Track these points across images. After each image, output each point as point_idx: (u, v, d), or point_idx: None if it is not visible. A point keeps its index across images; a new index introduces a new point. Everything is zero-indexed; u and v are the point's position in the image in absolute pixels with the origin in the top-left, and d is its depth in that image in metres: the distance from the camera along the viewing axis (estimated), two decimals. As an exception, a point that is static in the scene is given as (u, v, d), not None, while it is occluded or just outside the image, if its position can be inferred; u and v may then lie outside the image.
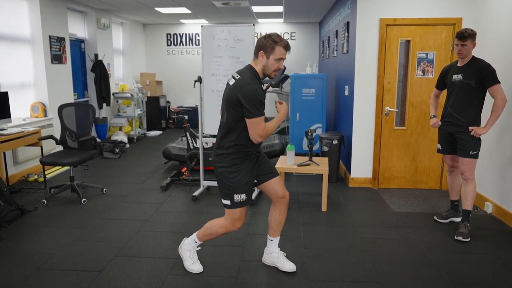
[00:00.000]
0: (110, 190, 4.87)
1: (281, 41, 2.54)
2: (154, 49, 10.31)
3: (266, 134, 2.54)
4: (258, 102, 2.46)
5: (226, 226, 2.76)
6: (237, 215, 2.71)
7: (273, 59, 2.54)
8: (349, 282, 2.80)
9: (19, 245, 3.37)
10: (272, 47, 2.53)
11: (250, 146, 2.63)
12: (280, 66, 2.60)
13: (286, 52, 2.59)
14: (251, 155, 2.68)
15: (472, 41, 3.40)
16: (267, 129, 2.53)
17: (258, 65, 2.59)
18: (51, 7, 6.01)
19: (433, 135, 4.78)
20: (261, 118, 2.50)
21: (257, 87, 2.50)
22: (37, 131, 5.01)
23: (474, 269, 2.99)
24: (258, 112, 2.47)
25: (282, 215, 2.90)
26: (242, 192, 2.65)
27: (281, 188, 2.84)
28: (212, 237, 2.86)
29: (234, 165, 2.62)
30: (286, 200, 2.87)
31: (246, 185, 2.66)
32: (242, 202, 2.67)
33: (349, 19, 5.29)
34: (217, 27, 4.24)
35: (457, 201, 3.87)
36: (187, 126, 5.35)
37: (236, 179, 2.63)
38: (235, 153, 2.62)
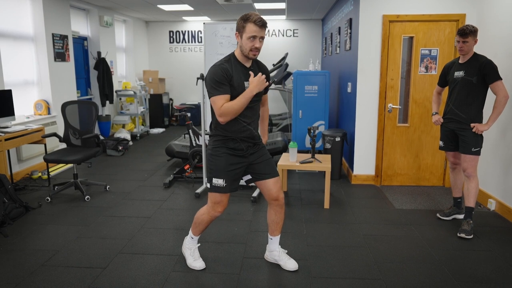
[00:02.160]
0: (114, 188, 4.89)
1: (252, 18, 2.43)
2: (156, 47, 10.32)
3: (225, 113, 2.47)
4: (213, 82, 2.46)
5: (209, 211, 2.76)
6: (216, 199, 2.70)
7: (246, 38, 2.47)
8: (351, 278, 2.81)
9: (24, 242, 3.39)
10: (243, 25, 2.47)
11: (230, 130, 2.60)
12: (256, 45, 2.48)
13: (261, 28, 2.45)
14: (234, 141, 2.63)
15: (473, 37, 3.38)
16: (225, 108, 2.45)
17: (237, 48, 2.58)
18: (54, 5, 6.03)
19: (436, 132, 4.77)
20: (218, 97, 2.46)
21: (215, 68, 2.49)
22: (40, 128, 5.04)
23: (477, 266, 2.99)
24: (214, 91, 2.47)
25: (278, 216, 2.87)
26: (220, 177, 2.64)
27: (275, 190, 2.76)
28: (202, 227, 2.86)
29: (214, 148, 2.65)
30: (279, 202, 2.81)
31: (225, 171, 2.63)
32: (218, 187, 2.65)
33: (351, 15, 5.27)
34: (220, 24, 4.24)
35: (460, 198, 3.87)
36: (189, 123, 5.36)
37: (215, 162, 2.64)
38: (216, 136, 2.65)
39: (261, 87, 2.54)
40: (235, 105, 2.48)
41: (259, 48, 2.51)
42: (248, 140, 2.67)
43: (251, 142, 2.69)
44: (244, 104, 2.50)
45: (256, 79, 2.52)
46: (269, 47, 9.73)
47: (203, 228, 2.89)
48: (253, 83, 2.52)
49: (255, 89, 2.51)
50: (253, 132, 2.69)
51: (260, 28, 2.46)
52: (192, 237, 2.95)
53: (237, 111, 2.50)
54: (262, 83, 2.54)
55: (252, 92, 2.51)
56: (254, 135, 2.70)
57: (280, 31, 9.91)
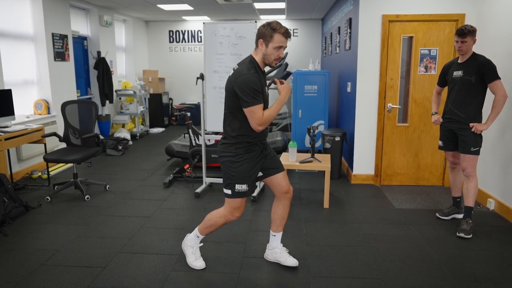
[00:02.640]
0: (113, 187, 4.90)
1: (280, 28, 2.49)
2: (156, 46, 10.32)
3: (266, 122, 2.52)
4: (252, 91, 2.45)
5: (226, 215, 2.77)
6: (236, 205, 2.72)
7: (272, 47, 2.51)
8: (351, 278, 2.81)
9: (24, 241, 3.40)
10: (270, 35, 2.49)
11: (253, 136, 2.64)
12: (281, 55, 2.55)
13: (286, 39, 2.53)
14: (255, 145, 2.68)
15: (472, 37, 3.38)
16: (266, 117, 2.51)
17: (258, 54, 2.58)
18: (54, 5, 6.03)
19: (436, 131, 4.77)
20: (258, 107, 2.48)
21: (251, 76, 2.48)
22: (40, 128, 5.04)
23: (476, 265, 3.00)
24: (253, 101, 2.47)
25: (285, 210, 2.91)
26: (244, 182, 2.66)
27: (286, 183, 2.84)
28: (213, 228, 2.87)
29: (237, 155, 2.64)
30: (290, 195, 2.88)
31: (248, 175, 2.67)
32: (243, 193, 2.68)
33: (351, 15, 5.28)
34: (219, 24, 4.24)
35: (459, 197, 3.87)
36: (189, 123, 5.36)
37: (238, 169, 2.64)
38: (238, 143, 2.64)
39: (289, 94, 2.65)
40: (273, 113, 2.54)
41: (282, 57, 2.61)
42: (263, 142, 2.77)
43: (264, 143, 2.79)
44: (278, 111, 2.59)
45: (286, 88, 2.62)
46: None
47: (213, 230, 2.91)
48: (284, 91, 2.61)
49: (286, 97, 2.62)
50: (266, 133, 2.81)
51: (286, 39, 2.54)
52: (198, 236, 2.95)
53: (273, 118, 2.58)
54: (289, 90, 2.64)
55: (285, 99, 2.60)
56: (267, 133, 2.82)
57: (280, 30, 9.89)
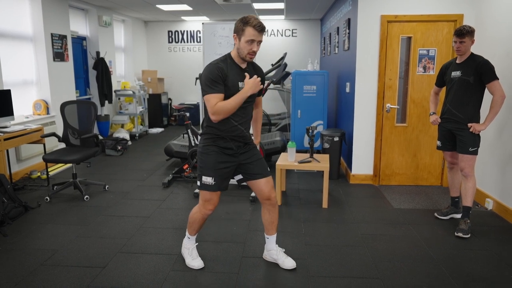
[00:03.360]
0: (113, 187, 4.90)
1: (252, 21, 2.45)
2: (155, 46, 10.32)
3: (218, 112, 2.48)
4: (208, 80, 2.48)
5: (200, 209, 2.79)
6: (206, 197, 2.72)
7: (244, 41, 2.49)
8: (349, 278, 2.82)
9: (23, 241, 3.40)
10: (242, 28, 2.49)
11: (222, 129, 2.62)
12: (253, 48, 2.50)
13: (260, 33, 2.48)
14: (224, 140, 2.64)
15: (470, 38, 3.40)
16: (218, 107, 2.47)
17: (234, 49, 2.59)
18: (53, 5, 6.03)
19: (434, 132, 4.78)
20: (212, 95, 2.48)
21: (211, 66, 2.51)
22: (39, 128, 5.04)
23: (474, 265, 3.01)
24: (208, 89, 2.49)
25: (272, 215, 2.88)
26: (209, 175, 2.65)
27: (267, 190, 2.77)
28: (196, 225, 2.87)
29: (204, 146, 2.67)
30: (271, 201, 2.82)
31: (214, 169, 2.64)
32: (208, 185, 2.67)
33: (350, 15, 5.29)
34: (218, 24, 4.25)
35: (458, 197, 3.88)
36: (188, 123, 5.37)
37: (205, 160, 2.65)
38: (206, 134, 2.67)
39: (255, 89, 2.56)
40: (229, 105, 2.50)
41: (256, 51, 2.55)
42: (238, 139, 2.69)
43: (242, 141, 2.72)
44: (238, 104, 2.53)
45: (251, 81, 2.55)
46: (268, 47, 9.74)
47: (197, 227, 2.90)
48: (248, 85, 2.55)
49: (250, 91, 2.54)
50: (244, 132, 2.70)
51: (259, 32, 2.49)
52: (189, 237, 2.97)
53: (230, 110, 2.52)
54: (256, 85, 2.56)
55: (246, 93, 2.54)
56: (245, 135, 2.72)
57: (279, 31, 9.92)
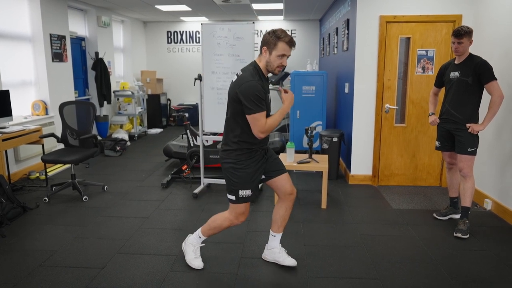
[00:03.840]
0: (111, 188, 4.90)
1: (285, 37, 2.49)
2: (154, 47, 10.32)
3: (268, 130, 2.53)
4: (256, 98, 2.46)
5: (231, 219, 2.79)
6: (241, 210, 2.74)
7: (276, 55, 2.51)
8: (348, 278, 2.82)
9: (21, 242, 3.39)
10: (274, 42, 2.50)
11: (254, 142, 2.64)
12: (284, 63, 2.55)
13: (290, 48, 2.53)
14: (256, 151, 2.68)
15: (468, 38, 3.40)
16: (269, 125, 2.52)
17: (261, 61, 2.58)
18: (52, 5, 6.02)
19: (433, 132, 4.78)
20: (261, 114, 2.49)
21: (255, 83, 2.48)
22: (38, 129, 5.04)
23: (473, 265, 3.01)
24: (257, 108, 2.47)
25: (288, 211, 2.93)
26: (247, 188, 2.67)
27: (289, 185, 2.86)
28: (217, 230, 2.89)
29: (239, 162, 2.64)
30: (293, 196, 2.90)
31: (252, 181, 2.68)
32: (247, 198, 2.70)
33: (349, 16, 5.29)
34: (217, 25, 4.25)
35: (456, 198, 3.89)
36: (187, 124, 5.37)
37: (241, 175, 2.64)
38: (239, 149, 2.64)
39: (292, 104, 2.69)
40: (276, 121, 2.57)
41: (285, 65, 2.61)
42: (265, 146, 2.79)
43: (265, 147, 2.80)
44: (281, 119, 2.62)
45: (290, 97, 2.67)
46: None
47: (216, 233, 2.94)
48: (287, 100, 2.65)
49: (290, 106, 2.67)
50: (268, 139, 2.81)
51: (290, 48, 2.53)
52: (200, 237, 2.96)
53: (276, 126, 2.61)
54: (293, 100, 2.69)
55: (288, 109, 2.64)
56: (268, 138, 2.82)
57: (278, 31, 9.91)
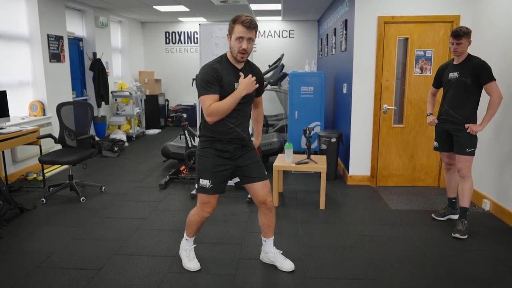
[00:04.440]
0: (109, 189, 4.88)
1: (239, 18, 2.42)
2: (152, 47, 10.30)
3: (213, 113, 2.46)
4: (203, 81, 2.47)
5: (198, 212, 2.78)
6: (204, 200, 2.71)
7: (234, 39, 2.47)
8: (347, 279, 2.82)
9: (18, 243, 3.37)
10: (232, 26, 2.48)
11: (217, 131, 2.60)
12: (243, 46, 2.44)
13: (248, 29, 2.42)
14: (221, 142, 2.62)
15: (467, 39, 3.40)
16: (213, 108, 2.45)
17: (229, 49, 2.57)
18: (49, 6, 6.00)
19: (431, 132, 4.78)
20: (207, 97, 2.47)
21: (206, 67, 2.50)
22: (35, 130, 5.01)
23: (472, 266, 3.01)
24: (203, 91, 2.48)
25: (269, 219, 2.86)
26: (206, 178, 2.64)
27: (263, 194, 2.75)
28: (194, 227, 2.86)
29: (202, 149, 2.66)
30: (267, 206, 2.80)
31: (212, 172, 2.63)
32: (205, 188, 2.65)
33: (347, 17, 5.29)
34: (215, 25, 4.25)
35: (455, 198, 3.89)
36: (185, 124, 5.35)
37: (202, 163, 2.65)
38: (204, 137, 2.66)
39: (250, 88, 2.52)
40: (223, 105, 2.48)
41: (247, 49, 2.48)
42: (235, 141, 2.66)
43: (239, 143, 2.68)
44: (232, 104, 2.49)
45: (246, 81, 2.51)
46: (265, 48, 9.75)
47: (195, 229, 2.89)
48: (242, 84, 2.50)
49: (244, 90, 2.50)
50: (241, 134, 2.67)
51: (247, 29, 2.43)
52: (187, 239, 2.96)
53: (225, 111, 2.49)
54: (251, 85, 2.52)
55: (241, 93, 2.49)
56: (242, 136, 2.68)
57: (276, 32, 9.93)
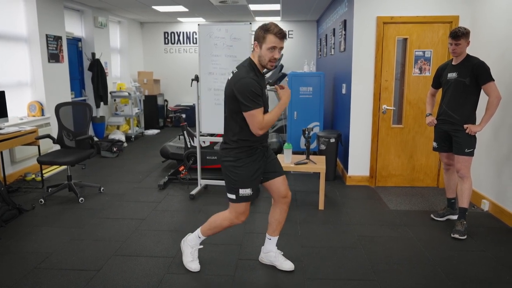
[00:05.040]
0: (108, 189, 4.87)
1: (273, 29, 2.46)
2: (151, 48, 10.29)
3: (266, 126, 2.51)
4: (252, 94, 2.44)
5: (231, 219, 2.78)
6: (241, 209, 2.72)
7: (266, 48, 2.48)
8: (346, 280, 2.81)
9: (17, 244, 3.37)
10: (263, 36, 2.48)
11: (253, 140, 2.62)
12: (275, 55, 2.50)
13: (281, 40, 2.48)
14: (256, 149, 2.66)
15: (465, 39, 3.40)
16: (266, 121, 2.49)
17: (255, 57, 2.57)
18: (48, 6, 6.00)
19: (430, 133, 4.79)
20: (258, 111, 2.47)
21: (250, 80, 2.47)
22: (34, 130, 5.01)
23: (471, 266, 3.01)
24: (253, 105, 2.45)
25: (283, 215, 2.90)
26: (247, 186, 2.65)
27: (284, 188, 2.83)
28: (217, 230, 2.87)
29: (238, 160, 2.62)
30: (287, 199, 2.87)
31: (252, 179, 2.66)
32: (247, 197, 2.68)
33: (346, 17, 5.29)
34: (214, 25, 4.24)
35: (454, 199, 3.89)
36: (184, 125, 5.35)
37: (241, 173, 2.63)
38: (239, 148, 2.62)
39: (289, 98, 2.67)
40: (274, 117, 2.54)
41: (278, 58, 2.56)
42: (265, 144, 2.75)
43: (265, 145, 2.77)
44: (279, 115, 2.60)
45: (288, 93, 2.64)
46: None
47: (216, 233, 2.91)
48: (285, 95, 2.63)
49: (288, 101, 2.64)
50: (267, 134, 2.77)
51: (280, 39, 2.49)
52: (199, 237, 2.94)
53: (274, 122, 2.57)
54: (290, 95, 2.66)
55: (286, 104, 2.62)
56: (267, 136, 2.79)
57: (275, 32, 9.91)
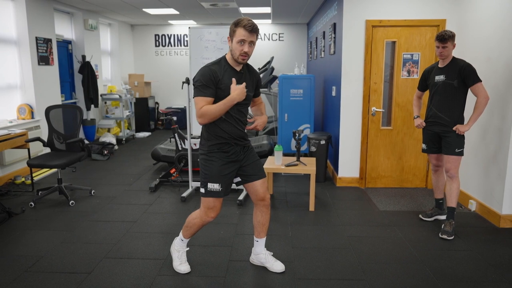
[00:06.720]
0: (99, 192, 4.86)
1: (241, 22, 2.47)
2: (142, 50, 10.28)
3: (203, 115, 2.49)
4: (200, 83, 2.50)
5: (201, 216, 2.77)
6: (210, 204, 2.71)
7: (235, 42, 2.50)
8: (336, 280, 2.85)
9: (6, 248, 3.34)
10: (233, 29, 2.52)
11: (225, 136, 2.63)
12: (245, 49, 2.50)
13: (250, 34, 2.48)
14: (228, 145, 2.66)
15: (452, 42, 3.48)
16: (204, 111, 2.48)
17: (229, 52, 2.60)
18: (37, 8, 5.97)
19: (419, 134, 4.86)
20: (200, 99, 2.50)
21: (203, 69, 2.54)
22: (24, 133, 4.98)
23: (458, 265, 3.06)
24: (198, 92, 2.51)
25: (264, 217, 2.90)
26: (216, 181, 2.65)
27: (262, 191, 2.81)
28: (192, 230, 2.86)
29: (210, 152, 2.65)
30: (265, 203, 2.86)
31: (221, 175, 2.65)
32: (215, 192, 2.67)
33: (335, 20, 5.35)
34: (205, 28, 4.26)
35: (442, 199, 3.95)
36: (175, 127, 5.36)
37: (211, 168, 2.64)
38: (210, 140, 2.65)
39: (242, 97, 2.55)
40: (215, 110, 2.51)
41: (248, 52, 2.53)
42: (240, 142, 2.71)
43: (242, 144, 2.74)
44: (224, 110, 2.53)
45: (239, 88, 2.54)
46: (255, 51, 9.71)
47: (194, 232, 2.90)
48: (235, 92, 2.53)
49: (237, 98, 2.54)
50: (244, 132, 2.74)
51: (249, 33, 2.48)
52: (182, 239, 2.96)
53: (216, 115, 2.53)
54: (242, 93, 2.55)
55: (233, 100, 2.53)
56: (245, 134, 2.76)
57: (266, 35, 9.97)
